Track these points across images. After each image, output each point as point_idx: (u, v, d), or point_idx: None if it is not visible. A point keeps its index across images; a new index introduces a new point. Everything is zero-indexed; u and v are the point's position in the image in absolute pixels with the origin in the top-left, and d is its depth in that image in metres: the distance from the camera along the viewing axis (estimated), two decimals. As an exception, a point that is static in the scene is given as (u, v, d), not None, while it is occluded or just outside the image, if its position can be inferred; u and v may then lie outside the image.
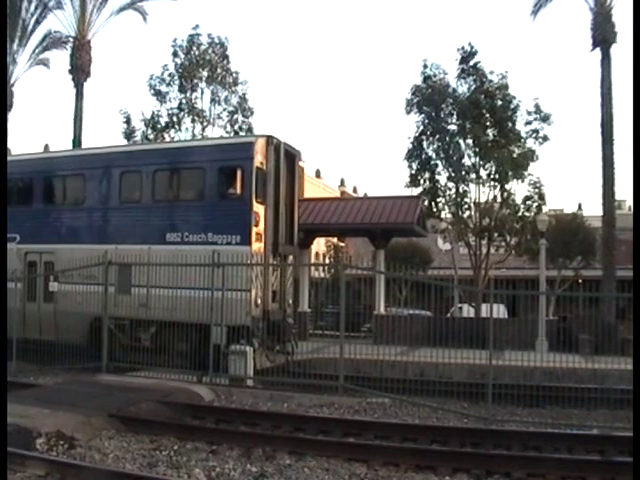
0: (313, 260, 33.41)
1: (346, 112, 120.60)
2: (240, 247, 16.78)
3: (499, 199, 27.65)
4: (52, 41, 32.79)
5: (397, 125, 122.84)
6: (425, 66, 28.39)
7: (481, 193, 27.76)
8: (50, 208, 20.33)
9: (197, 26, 29.27)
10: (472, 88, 27.70)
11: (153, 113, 29.09)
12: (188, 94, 29.03)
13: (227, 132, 29.09)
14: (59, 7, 31.15)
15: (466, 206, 27.98)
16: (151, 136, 28.83)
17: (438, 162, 28.03)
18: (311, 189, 41.98)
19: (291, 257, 19.26)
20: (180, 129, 29.05)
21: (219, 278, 15.02)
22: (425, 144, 28.19)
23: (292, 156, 18.98)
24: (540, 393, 14.87)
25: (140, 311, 17.02)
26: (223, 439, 10.23)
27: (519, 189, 27.80)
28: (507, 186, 27.40)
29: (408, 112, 28.24)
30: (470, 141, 27.59)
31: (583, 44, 78.25)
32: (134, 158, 19.58)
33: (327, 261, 38.64)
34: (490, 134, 27.44)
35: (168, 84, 29.12)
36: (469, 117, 26.98)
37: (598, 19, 26.24)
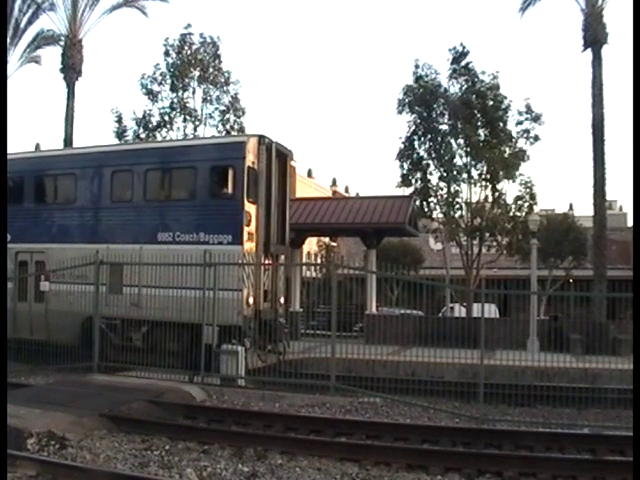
0: (305, 260, 33.40)
1: (338, 112, 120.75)
2: (232, 247, 16.77)
3: (490, 199, 27.73)
4: (43, 38, 32.67)
5: (389, 125, 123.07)
6: (417, 66, 28.50)
7: (472, 193, 27.89)
8: (41, 207, 20.24)
9: (189, 25, 29.25)
10: (464, 88, 27.80)
11: (145, 112, 28.99)
12: (180, 93, 28.93)
13: (219, 132, 29.03)
14: (52, 9, 31.06)
15: (457, 206, 28.05)
16: (143, 135, 28.75)
17: (430, 162, 28.11)
18: (303, 189, 41.94)
19: (283, 257, 19.25)
20: (172, 128, 28.96)
21: (211, 278, 15.01)
22: (417, 144, 28.27)
23: (284, 156, 18.96)
24: (531, 393, 14.87)
25: (132, 311, 16.98)
26: (215, 439, 10.23)
27: (510, 189, 27.95)
28: (498, 186, 27.53)
29: (400, 112, 28.30)
30: (461, 141, 27.67)
31: (574, 45, 78.50)
32: (125, 157, 19.50)
33: (319, 261, 38.60)
34: (481, 134, 27.51)
35: (160, 83, 29.02)
36: (460, 117, 27.03)
37: (589, 20, 26.35)
